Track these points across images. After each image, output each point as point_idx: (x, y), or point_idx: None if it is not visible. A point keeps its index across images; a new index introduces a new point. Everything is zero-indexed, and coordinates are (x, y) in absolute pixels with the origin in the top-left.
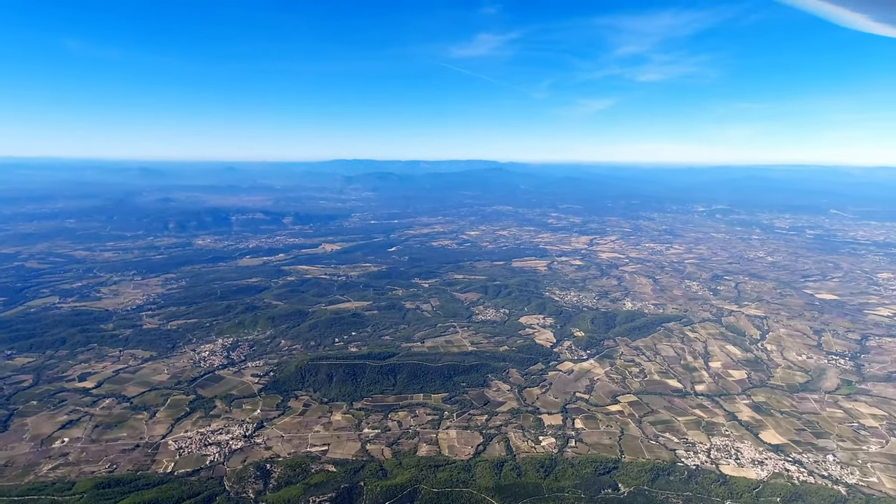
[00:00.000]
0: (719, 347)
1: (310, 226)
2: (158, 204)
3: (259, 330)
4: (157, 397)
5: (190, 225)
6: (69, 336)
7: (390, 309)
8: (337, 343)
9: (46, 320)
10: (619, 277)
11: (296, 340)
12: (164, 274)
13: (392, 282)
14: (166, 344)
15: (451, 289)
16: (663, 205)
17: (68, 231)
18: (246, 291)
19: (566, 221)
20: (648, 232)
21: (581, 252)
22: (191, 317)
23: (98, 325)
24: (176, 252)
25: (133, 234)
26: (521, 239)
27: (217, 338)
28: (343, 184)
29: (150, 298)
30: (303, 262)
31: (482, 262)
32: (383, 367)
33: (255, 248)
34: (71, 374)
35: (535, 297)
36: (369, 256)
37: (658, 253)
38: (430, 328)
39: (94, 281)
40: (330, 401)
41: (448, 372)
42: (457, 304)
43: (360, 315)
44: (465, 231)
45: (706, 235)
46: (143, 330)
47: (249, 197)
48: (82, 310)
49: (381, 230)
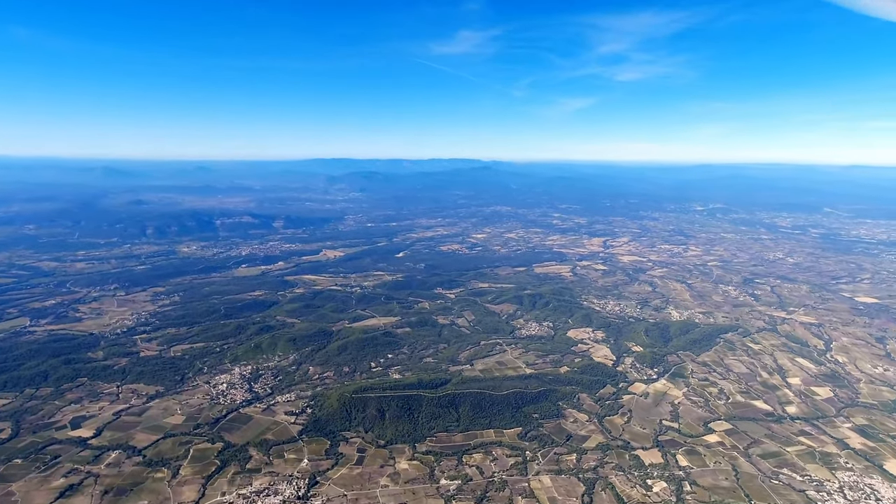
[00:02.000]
0: (790, 361)
1: (303, 230)
2: (130, 207)
3: (280, 354)
4: (176, 447)
5: (170, 230)
6: (51, 369)
7: (423, 325)
8: (374, 368)
9: (19, 349)
10: (650, 283)
11: (325, 366)
12: (151, 287)
13: (413, 293)
14: (173, 375)
15: (481, 300)
16: (661, 204)
17: (29, 238)
18: (253, 307)
19: (571, 222)
20: (657, 233)
21: (599, 255)
22: (195, 340)
23: (84, 352)
24: (159, 261)
25: (106, 242)
26: (532, 242)
27: (233, 366)
28: (327, 184)
29: (141, 318)
30: (307, 272)
31: (502, 268)
32: (441, 399)
33: (249, 255)
34: (60, 419)
35: (575, 308)
36: (380, 264)
37: (677, 255)
38: (473, 347)
39: (69, 297)
40: (388, 443)
41: (515, 401)
42: (494, 318)
43: (392, 334)
44: (470, 234)
45: (717, 236)
46: (141, 358)
47: (229, 198)
48: (61, 334)
49: (382, 234)
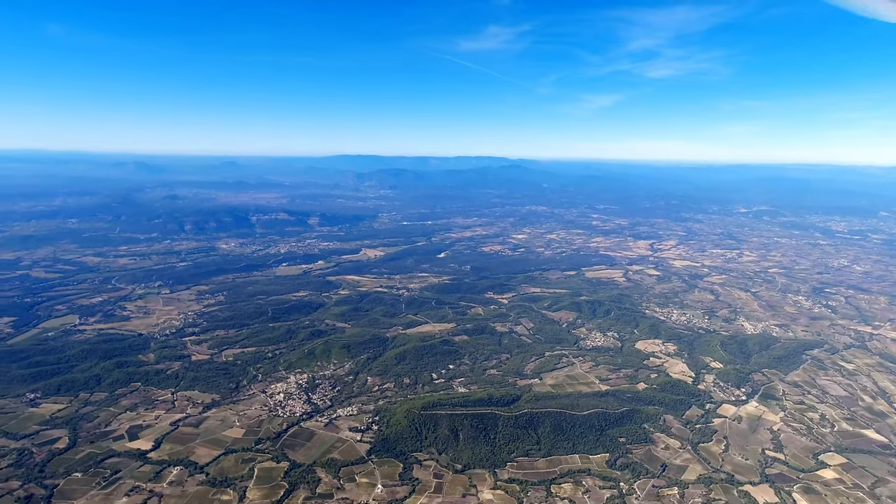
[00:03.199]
0: (892, 383)
1: (338, 227)
2: (166, 202)
3: (335, 362)
4: (238, 464)
5: (209, 226)
6: (104, 372)
7: (480, 333)
8: (436, 380)
9: (70, 349)
10: (711, 291)
11: (384, 377)
12: (195, 286)
13: (464, 297)
14: (227, 382)
15: (537, 306)
16: (702, 205)
17: (72, 233)
18: (299, 309)
19: (612, 224)
20: (705, 236)
21: (649, 259)
22: (246, 344)
23: (135, 354)
24: (200, 258)
25: (147, 237)
26: (575, 244)
27: (288, 373)
28: (356, 181)
29: (189, 318)
30: (349, 272)
31: (551, 272)
32: (518, 419)
33: (288, 253)
34: (116, 427)
35: (639, 317)
36: (423, 265)
37: (732, 261)
38: (537, 358)
39: (115, 295)
40: (465, 468)
41: (597, 422)
42: (554, 327)
43: (451, 342)
44: (510, 235)
45: (770, 241)
46: (193, 363)
47: (261, 194)
48: (111, 334)
49: (419, 233)
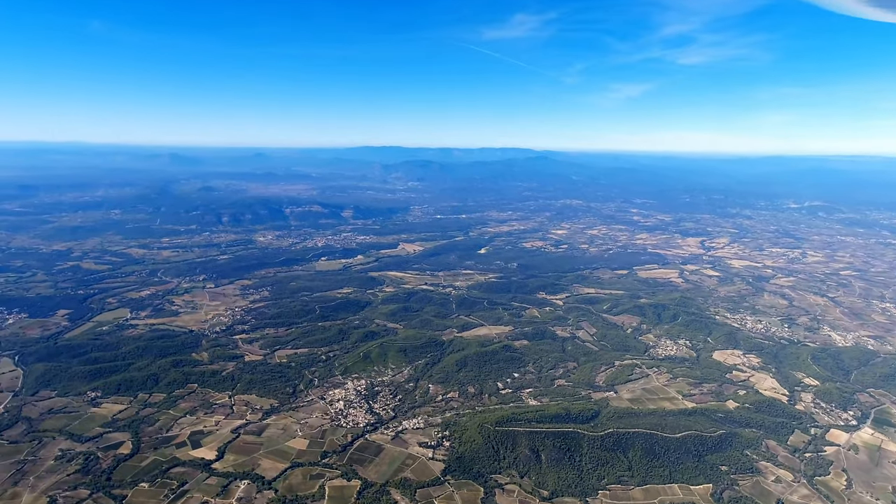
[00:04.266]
0: None
1: (372, 220)
2: (201, 193)
3: (392, 367)
4: (307, 480)
5: (245, 218)
6: (161, 371)
7: (540, 338)
8: (503, 390)
9: (125, 345)
10: (783, 295)
11: (447, 384)
12: (238, 280)
13: (515, 297)
14: (284, 386)
15: (594, 308)
16: (747, 200)
17: (116, 224)
18: (346, 307)
19: (654, 219)
20: (759, 233)
21: (703, 259)
22: (298, 344)
23: (188, 353)
24: (239, 251)
25: (186, 229)
26: (620, 240)
27: (345, 379)
28: (383, 172)
29: (236, 315)
30: (390, 267)
31: (601, 270)
32: (604, 439)
33: (326, 247)
34: (178, 433)
35: (710, 324)
36: (466, 261)
37: (797, 261)
38: (607, 367)
39: (161, 288)
40: (553, 495)
41: (693, 447)
42: (618, 332)
43: (512, 347)
44: (549, 230)
45: (833, 239)
46: (248, 364)
47: (291, 186)
48: (163, 330)
49: (455, 226)
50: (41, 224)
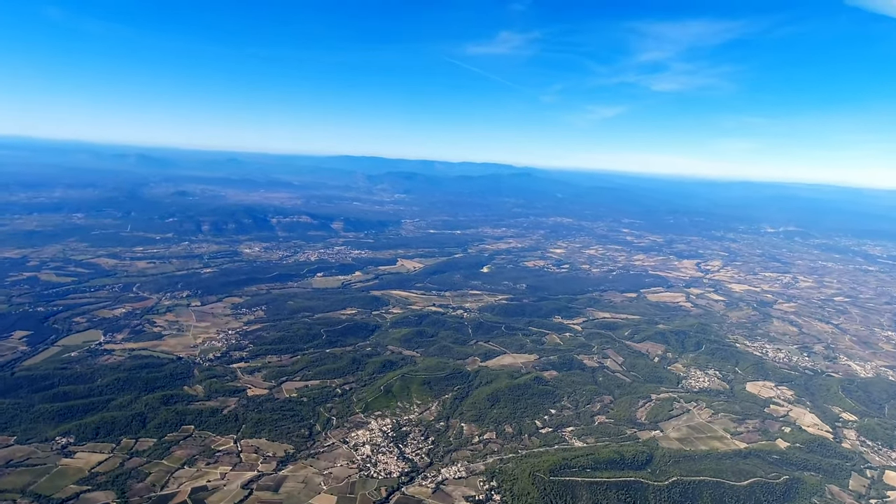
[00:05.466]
0: None
1: (364, 233)
2: (175, 198)
3: (418, 403)
4: None
5: (227, 227)
6: (148, 409)
7: (569, 368)
8: (542, 429)
9: (101, 375)
10: (790, 322)
11: (481, 423)
12: (226, 296)
13: (531, 321)
14: (298, 427)
15: (615, 334)
16: (727, 223)
17: (80, 229)
18: (355, 331)
19: (647, 240)
20: (747, 257)
21: (703, 282)
22: (308, 375)
23: (179, 386)
24: (224, 263)
25: (162, 237)
26: (618, 261)
27: (367, 417)
28: (368, 183)
29: (230, 339)
30: (392, 286)
31: (610, 293)
32: (670, 490)
33: (320, 261)
34: (175, 489)
35: (733, 352)
36: (472, 281)
37: (790, 286)
38: (645, 401)
39: (139, 305)
40: None
41: (762, 496)
42: (646, 362)
43: (542, 379)
44: (547, 248)
45: (817, 265)
46: (252, 400)
47: (273, 194)
48: (145, 357)
49: (451, 242)
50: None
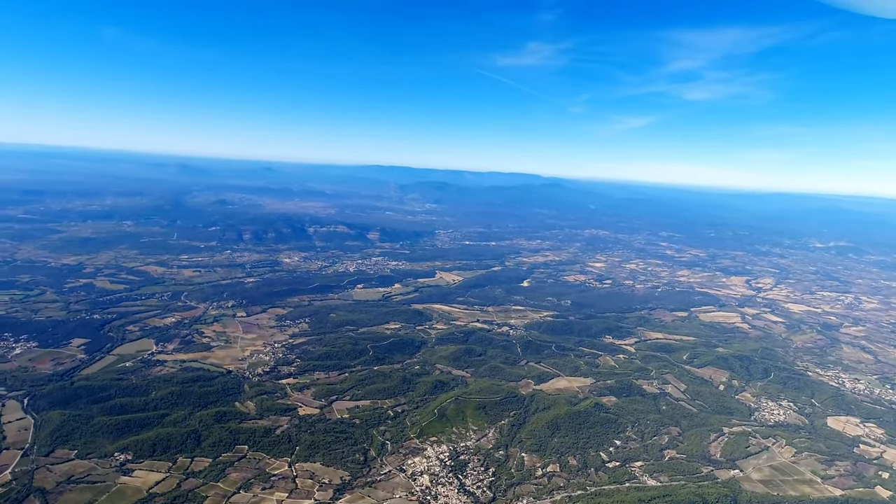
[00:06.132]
0: None
1: (399, 244)
2: (216, 207)
3: (474, 429)
4: None
5: (267, 237)
6: (202, 427)
7: (628, 394)
8: (608, 462)
9: (155, 388)
10: (862, 348)
11: (542, 454)
12: (270, 307)
13: (582, 341)
14: (352, 451)
15: (671, 357)
16: (771, 237)
17: (130, 237)
18: (401, 348)
19: (688, 254)
20: (801, 274)
21: (757, 301)
22: (358, 394)
23: (230, 402)
24: (266, 273)
25: (206, 246)
26: (662, 277)
27: (422, 443)
28: (400, 193)
29: (277, 352)
30: (434, 299)
31: (658, 311)
32: None
33: (358, 272)
34: None
35: (806, 382)
36: (514, 296)
37: (854, 307)
38: (717, 435)
39: (187, 315)
40: None
41: None
42: (710, 389)
43: (602, 406)
44: (586, 262)
45: (878, 284)
46: (304, 420)
47: (307, 203)
48: (196, 369)
49: (488, 254)
50: (48, 233)
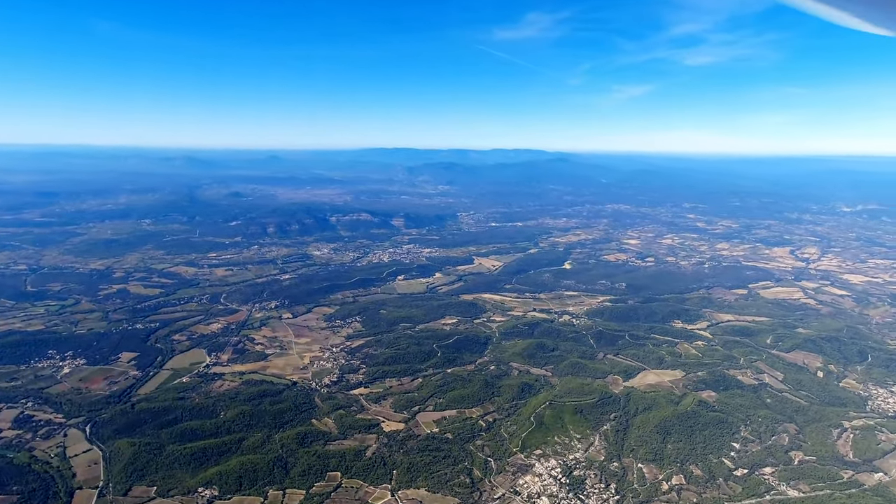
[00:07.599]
0: None
1: (426, 229)
2: (231, 199)
3: (577, 437)
4: None
5: (291, 229)
6: (286, 452)
7: (725, 387)
8: (734, 470)
9: (222, 407)
10: None
11: (660, 463)
12: (314, 305)
13: (651, 327)
14: (455, 472)
15: (752, 341)
16: (797, 204)
17: (152, 236)
18: (467, 346)
19: (721, 226)
20: (843, 242)
21: (810, 273)
22: (440, 403)
23: (306, 419)
24: (300, 268)
25: (231, 242)
26: (702, 252)
27: (527, 457)
28: (409, 175)
29: (338, 358)
30: (480, 288)
31: (716, 289)
32: None
33: (393, 262)
34: None
35: None
36: (564, 280)
37: None
38: (839, 431)
39: (231, 319)
40: None
41: None
42: (809, 377)
43: (706, 404)
44: (620, 240)
45: None
46: (392, 437)
47: (320, 190)
48: (258, 383)
49: (518, 236)
50: (69, 237)
